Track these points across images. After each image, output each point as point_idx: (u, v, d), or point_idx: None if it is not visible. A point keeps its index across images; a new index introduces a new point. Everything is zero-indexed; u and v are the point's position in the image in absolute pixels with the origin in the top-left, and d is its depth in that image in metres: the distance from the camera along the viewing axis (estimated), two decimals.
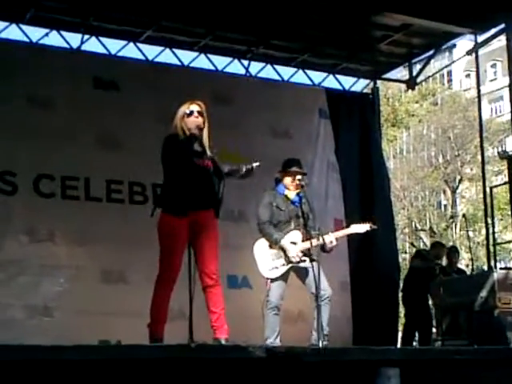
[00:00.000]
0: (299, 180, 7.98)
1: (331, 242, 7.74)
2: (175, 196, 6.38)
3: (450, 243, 24.46)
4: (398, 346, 11.48)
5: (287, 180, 8.06)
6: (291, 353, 5.14)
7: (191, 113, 6.44)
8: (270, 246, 7.95)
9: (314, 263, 7.54)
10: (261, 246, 8.02)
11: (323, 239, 7.60)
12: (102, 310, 9.15)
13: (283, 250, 7.87)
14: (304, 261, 7.81)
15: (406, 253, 28.52)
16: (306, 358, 5.06)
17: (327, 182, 11.59)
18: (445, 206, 34.88)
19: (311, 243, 7.64)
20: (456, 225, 31.44)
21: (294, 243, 7.87)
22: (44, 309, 9.28)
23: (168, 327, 6.40)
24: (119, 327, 8.96)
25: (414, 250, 22.28)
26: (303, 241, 7.87)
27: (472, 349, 7.49)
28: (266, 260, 7.94)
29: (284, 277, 7.92)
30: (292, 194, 8.04)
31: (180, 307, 6.84)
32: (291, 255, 7.82)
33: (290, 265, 7.87)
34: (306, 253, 7.82)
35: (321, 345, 7.06)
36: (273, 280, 7.89)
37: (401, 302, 12.03)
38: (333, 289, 7.97)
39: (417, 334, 11.90)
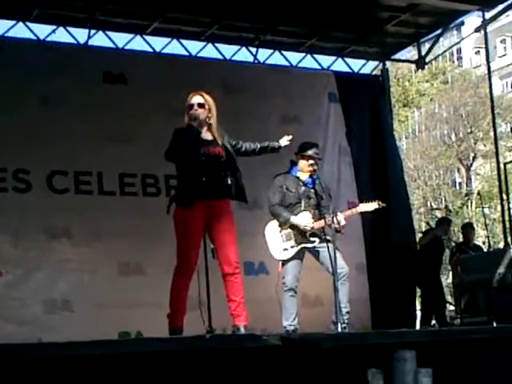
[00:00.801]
0: (312, 165, 7.99)
1: (340, 222, 7.69)
2: (184, 187, 6.47)
3: (466, 221, 24.42)
4: (418, 326, 11.51)
5: (302, 163, 8.04)
6: (307, 339, 5.13)
7: (192, 105, 6.51)
8: (281, 228, 7.93)
9: (329, 244, 7.50)
10: (271, 229, 8.00)
11: (332, 219, 7.57)
12: (121, 303, 9.18)
13: (294, 227, 7.85)
14: (314, 241, 7.82)
15: (422, 232, 28.47)
16: (322, 344, 5.05)
17: (339, 166, 11.56)
18: (459, 183, 34.78)
19: (325, 222, 7.65)
20: (471, 202, 31.35)
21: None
22: (63, 303, 9.32)
23: (188, 316, 6.44)
24: (139, 318, 9.02)
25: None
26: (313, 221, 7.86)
27: (490, 328, 7.49)
28: (277, 242, 7.93)
29: (297, 258, 7.88)
30: (305, 176, 8.01)
31: (199, 296, 6.89)
32: (303, 225, 7.79)
33: (301, 245, 7.85)
34: (317, 233, 7.83)
35: (339, 328, 7.08)
36: (285, 262, 7.88)
37: None
38: (349, 271, 7.93)
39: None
